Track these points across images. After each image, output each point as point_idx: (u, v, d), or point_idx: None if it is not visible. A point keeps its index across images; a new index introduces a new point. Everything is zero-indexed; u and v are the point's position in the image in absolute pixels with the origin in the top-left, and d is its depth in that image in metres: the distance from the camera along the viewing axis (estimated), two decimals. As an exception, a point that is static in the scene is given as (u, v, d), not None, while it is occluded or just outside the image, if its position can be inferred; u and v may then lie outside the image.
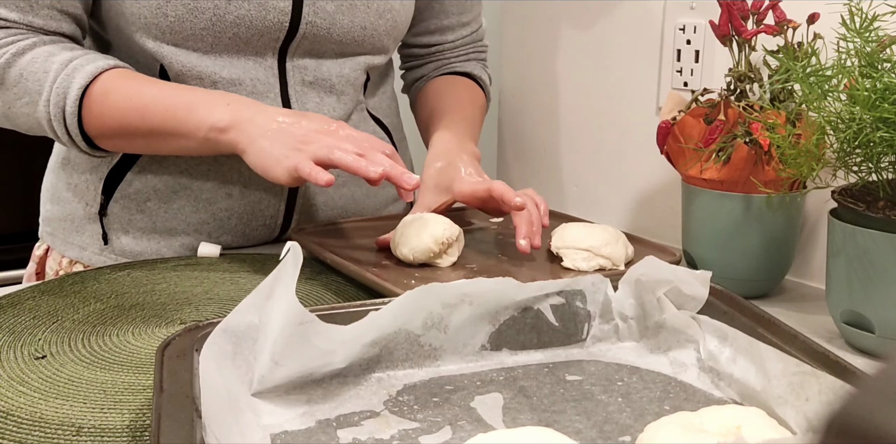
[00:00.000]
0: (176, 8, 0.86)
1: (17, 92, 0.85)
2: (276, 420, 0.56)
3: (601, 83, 1.21)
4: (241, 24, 0.89)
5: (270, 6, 0.89)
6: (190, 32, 0.88)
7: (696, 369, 0.63)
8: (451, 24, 1.12)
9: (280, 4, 0.89)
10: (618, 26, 1.17)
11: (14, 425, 0.57)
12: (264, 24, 0.90)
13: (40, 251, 1.05)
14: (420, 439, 0.54)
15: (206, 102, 0.84)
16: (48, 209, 1.02)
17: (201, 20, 0.87)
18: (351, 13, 0.94)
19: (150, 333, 0.73)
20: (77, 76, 0.83)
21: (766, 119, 0.79)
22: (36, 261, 1.06)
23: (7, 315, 0.76)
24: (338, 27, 0.94)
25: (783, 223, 0.84)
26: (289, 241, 0.58)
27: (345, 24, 0.94)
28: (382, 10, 0.96)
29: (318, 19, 0.92)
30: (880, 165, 0.70)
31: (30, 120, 0.86)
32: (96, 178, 0.96)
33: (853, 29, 0.69)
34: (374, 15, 0.96)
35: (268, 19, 0.89)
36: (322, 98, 0.97)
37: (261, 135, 0.81)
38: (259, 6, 0.89)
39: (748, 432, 0.50)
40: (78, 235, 0.99)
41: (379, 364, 0.61)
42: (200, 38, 0.88)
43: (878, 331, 0.70)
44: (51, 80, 0.84)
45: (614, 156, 1.20)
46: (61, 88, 0.83)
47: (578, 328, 0.67)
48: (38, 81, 0.84)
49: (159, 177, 0.95)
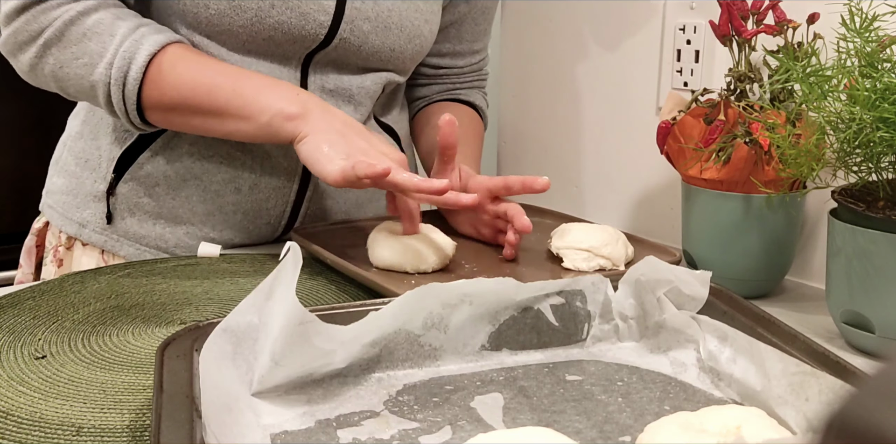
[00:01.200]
0: (219, 2, 0.87)
1: (76, 51, 0.83)
2: (276, 420, 0.56)
3: (601, 83, 1.21)
4: (279, 28, 0.89)
5: (311, 18, 0.90)
6: (227, 28, 0.88)
7: (696, 369, 0.63)
8: (464, 50, 1.14)
9: (320, 18, 0.90)
10: (618, 26, 1.17)
11: (14, 425, 0.57)
12: (301, 33, 0.90)
13: (39, 224, 1.06)
14: (420, 439, 0.54)
15: (276, 88, 0.84)
16: (54, 182, 1.03)
17: (241, 18, 0.88)
18: (384, 35, 0.95)
19: (150, 333, 0.73)
20: (146, 43, 0.83)
21: (766, 119, 0.79)
22: (35, 234, 1.06)
23: (7, 315, 0.76)
24: (368, 46, 0.95)
25: (783, 223, 0.84)
26: (289, 241, 0.58)
27: (376, 44, 0.95)
28: (413, 36, 0.98)
29: (353, 37, 0.93)
30: (880, 165, 0.70)
31: (82, 82, 0.84)
32: (109, 156, 0.96)
33: (853, 29, 0.69)
34: (405, 39, 0.97)
35: (305, 29, 0.90)
36: (339, 106, 0.97)
37: (324, 130, 0.81)
38: (300, 16, 0.89)
39: (748, 432, 0.50)
40: (79, 211, 0.99)
41: (379, 364, 0.61)
42: (236, 35, 0.89)
43: (878, 331, 0.70)
44: (117, 43, 0.82)
45: (614, 156, 1.20)
46: (128, 53, 0.82)
47: (578, 328, 0.67)
48: (102, 42, 0.82)
49: (171, 163, 0.95)
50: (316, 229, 0.96)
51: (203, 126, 0.87)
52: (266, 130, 0.83)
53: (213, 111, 0.84)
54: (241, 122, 0.84)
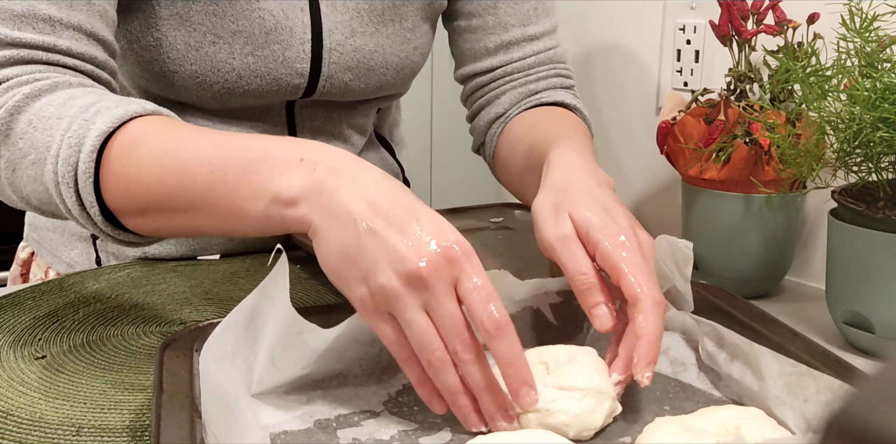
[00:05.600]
0: (182, 80, 0.81)
1: (24, 146, 0.62)
2: (275, 421, 0.56)
3: (601, 83, 1.21)
4: (252, 95, 0.84)
5: (284, 82, 0.84)
6: (195, 100, 0.84)
7: (695, 369, 0.63)
8: (514, 38, 0.92)
9: (294, 81, 0.85)
10: (618, 26, 1.17)
11: (14, 425, 0.57)
12: (276, 96, 0.86)
13: (24, 254, 1.00)
14: (420, 439, 0.54)
15: (271, 158, 0.56)
16: (35, 215, 0.97)
17: (209, 92, 0.83)
18: (367, 78, 0.89)
19: (150, 333, 0.73)
20: (98, 121, 0.60)
21: (766, 119, 0.79)
22: (20, 264, 1.01)
23: (7, 315, 0.76)
24: (353, 91, 0.90)
25: (783, 223, 0.84)
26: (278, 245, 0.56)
27: (360, 88, 0.90)
28: (401, 67, 0.91)
29: (334, 89, 0.88)
30: (880, 165, 0.70)
31: (36, 186, 0.63)
32: None
33: (853, 29, 0.69)
34: (392, 73, 0.90)
35: (279, 93, 0.85)
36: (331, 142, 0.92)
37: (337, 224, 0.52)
38: (272, 82, 0.84)
39: (747, 432, 0.50)
40: (67, 250, 0.94)
41: (378, 364, 0.61)
42: (207, 105, 0.85)
43: (878, 331, 0.70)
44: (64, 127, 0.61)
45: (614, 156, 1.20)
46: (76, 137, 0.60)
47: (578, 328, 0.67)
48: (48, 129, 0.61)
49: None
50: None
51: (195, 225, 0.61)
52: (268, 224, 0.56)
53: (194, 204, 0.58)
54: (233, 217, 0.57)
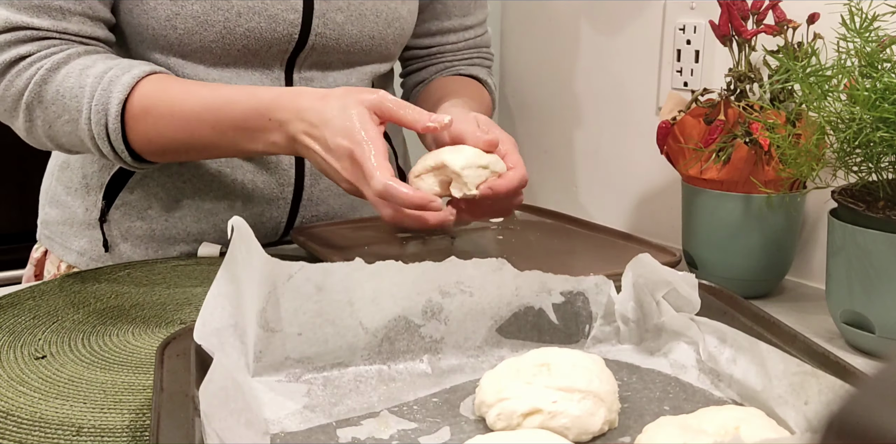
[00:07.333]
0: (185, 21, 0.86)
1: (57, 110, 0.82)
2: (275, 416, 0.56)
3: (601, 83, 1.21)
4: (251, 36, 0.88)
5: (280, 19, 0.89)
6: (199, 45, 0.87)
7: (695, 370, 0.63)
8: (453, 26, 1.09)
9: (290, 17, 0.89)
10: (618, 26, 1.17)
11: (14, 425, 0.57)
12: (274, 36, 0.89)
13: (38, 254, 1.05)
14: (419, 439, 0.54)
15: (256, 116, 0.79)
16: (47, 212, 1.02)
17: (211, 33, 0.87)
18: (360, 23, 0.94)
19: (150, 333, 0.73)
20: (114, 90, 0.81)
21: (766, 119, 0.79)
22: (34, 263, 1.05)
23: (7, 315, 0.76)
24: (346, 37, 0.94)
25: (783, 223, 0.84)
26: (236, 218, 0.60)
27: (353, 34, 0.94)
28: (391, 19, 0.96)
29: (328, 30, 0.92)
30: (880, 165, 0.70)
31: (73, 138, 0.84)
32: (97, 183, 0.95)
33: (853, 29, 0.69)
34: (383, 24, 0.95)
35: (277, 31, 0.89)
36: None
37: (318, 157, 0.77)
38: (269, 19, 0.88)
39: (747, 432, 0.50)
40: (76, 239, 0.98)
41: (380, 355, 0.61)
42: (209, 50, 0.88)
43: (878, 331, 0.70)
44: (88, 96, 0.81)
45: (614, 156, 1.20)
46: (100, 105, 0.81)
47: (579, 328, 0.67)
48: (75, 97, 0.81)
49: (161, 185, 0.94)
50: (316, 229, 0.96)
51: (211, 156, 0.89)
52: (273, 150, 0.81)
53: (206, 147, 0.84)
54: (238, 153, 0.86)
